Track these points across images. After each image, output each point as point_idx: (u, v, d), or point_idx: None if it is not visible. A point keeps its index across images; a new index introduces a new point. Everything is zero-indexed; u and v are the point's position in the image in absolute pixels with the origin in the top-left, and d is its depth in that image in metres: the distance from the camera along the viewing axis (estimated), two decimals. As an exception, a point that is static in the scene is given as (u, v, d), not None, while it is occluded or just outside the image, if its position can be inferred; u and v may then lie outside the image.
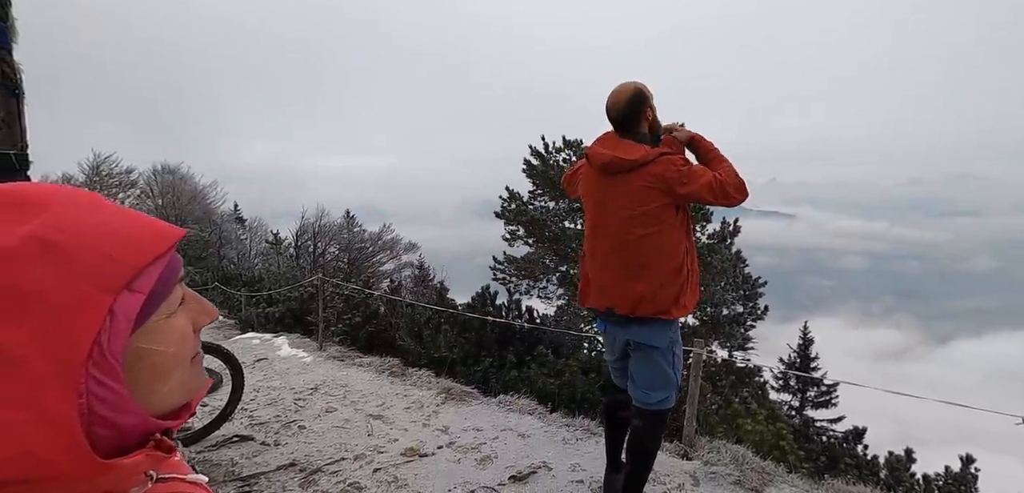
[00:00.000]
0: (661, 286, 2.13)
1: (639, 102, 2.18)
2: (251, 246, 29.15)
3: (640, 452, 2.35)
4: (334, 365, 5.37)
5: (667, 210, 2.10)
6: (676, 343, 2.27)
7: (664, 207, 2.09)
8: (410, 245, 26.34)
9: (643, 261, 2.13)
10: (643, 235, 2.12)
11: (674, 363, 2.26)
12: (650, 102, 2.22)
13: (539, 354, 6.47)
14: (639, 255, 2.14)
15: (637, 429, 2.33)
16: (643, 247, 2.13)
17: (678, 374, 2.28)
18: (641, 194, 2.10)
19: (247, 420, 3.92)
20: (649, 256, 2.13)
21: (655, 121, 2.27)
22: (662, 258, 2.13)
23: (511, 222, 9.29)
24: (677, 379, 2.27)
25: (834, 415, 14.90)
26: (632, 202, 2.11)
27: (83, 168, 25.76)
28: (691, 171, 2.09)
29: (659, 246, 2.12)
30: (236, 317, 10.16)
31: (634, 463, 2.38)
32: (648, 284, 2.13)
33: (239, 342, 7.14)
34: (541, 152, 8.70)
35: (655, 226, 2.10)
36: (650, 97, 2.23)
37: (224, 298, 11.64)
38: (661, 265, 2.13)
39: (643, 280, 2.13)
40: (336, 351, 5.98)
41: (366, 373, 5.06)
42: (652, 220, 2.10)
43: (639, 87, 2.19)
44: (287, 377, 5.05)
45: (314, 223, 25.38)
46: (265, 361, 5.76)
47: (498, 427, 3.60)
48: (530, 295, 9.79)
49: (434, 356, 6.66)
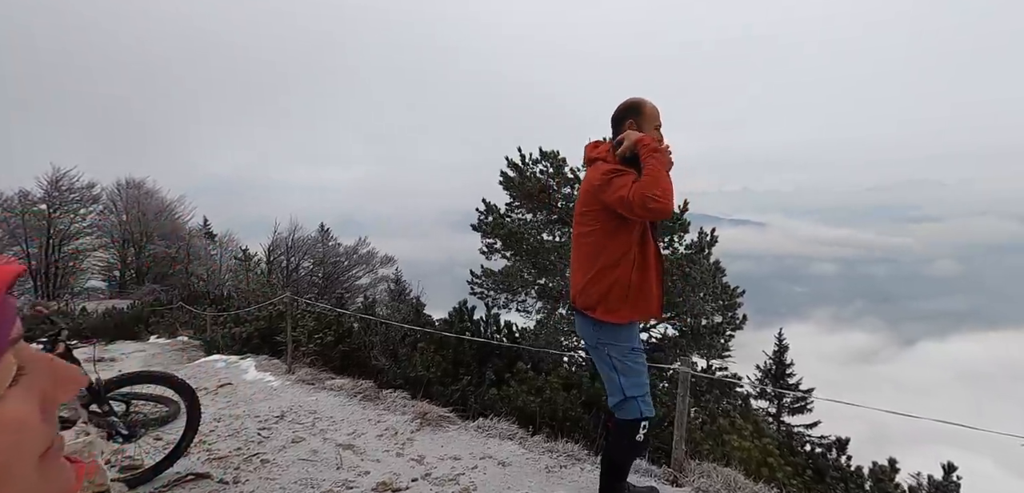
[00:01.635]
0: (590, 282, 2.23)
1: (626, 112, 2.28)
2: (222, 262, 28.33)
3: (604, 461, 2.42)
4: (303, 389, 5.09)
5: (604, 213, 2.18)
6: (613, 349, 2.25)
7: (600, 210, 2.19)
8: (387, 258, 25.96)
9: (580, 256, 2.30)
10: (582, 232, 2.27)
11: (619, 369, 2.24)
12: (639, 116, 2.26)
13: (519, 371, 6.28)
14: (579, 250, 2.31)
15: (607, 434, 2.41)
16: (582, 244, 2.28)
17: (630, 388, 2.23)
18: (584, 194, 2.28)
19: (204, 454, 3.62)
20: (584, 252, 2.27)
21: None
22: (592, 257, 2.23)
23: (488, 235, 9.11)
24: (628, 392, 2.23)
25: (810, 420, 15.08)
26: (580, 200, 2.31)
27: (41, 183, 24.69)
28: (612, 181, 2.13)
29: (593, 246, 2.23)
30: (201, 339, 9.70)
31: (602, 471, 2.42)
32: (581, 278, 2.27)
33: (203, 366, 6.77)
34: (518, 164, 8.56)
35: (590, 226, 2.23)
36: (642, 112, 2.26)
37: (190, 318, 11.14)
38: (589, 264, 2.24)
39: (578, 273, 2.30)
40: (306, 373, 5.69)
41: (337, 397, 4.79)
42: (589, 219, 2.23)
43: (635, 101, 2.29)
44: (252, 404, 4.75)
45: (287, 237, 24.78)
46: (229, 387, 5.44)
47: (476, 455, 3.39)
48: (508, 309, 9.60)
49: (410, 375, 6.41)
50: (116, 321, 13.08)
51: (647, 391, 2.26)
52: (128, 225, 27.71)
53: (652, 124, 2.26)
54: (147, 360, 8.89)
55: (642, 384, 2.24)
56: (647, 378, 2.28)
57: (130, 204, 28.11)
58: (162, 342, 10.79)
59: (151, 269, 27.74)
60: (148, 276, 27.18)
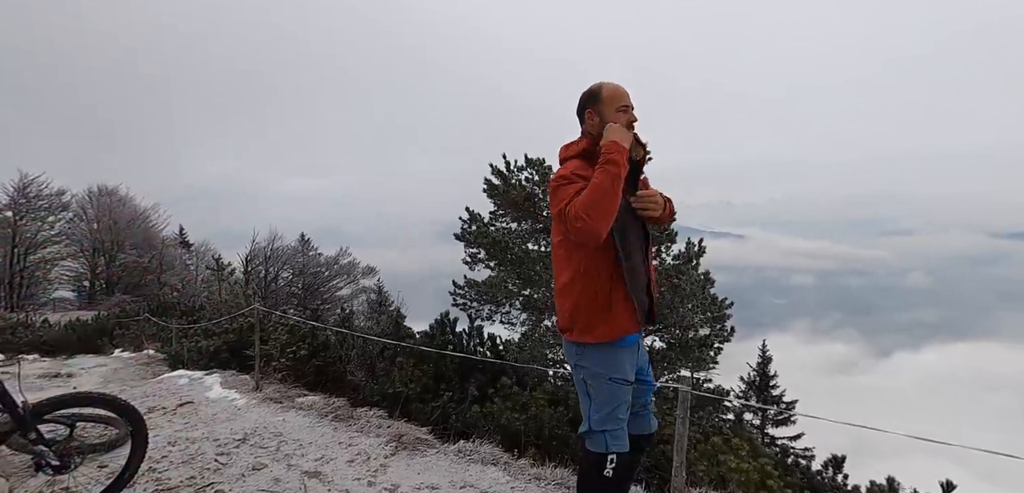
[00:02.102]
0: (558, 296, 2.10)
1: (585, 102, 2.06)
2: (197, 272, 27.57)
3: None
4: (270, 408, 4.73)
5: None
6: (587, 373, 2.04)
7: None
8: (368, 269, 25.53)
9: (553, 269, 2.15)
10: (555, 242, 2.10)
11: (591, 396, 2.04)
12: (598, 103, 2.02)
13: (503, 387, 5.99)
14: (553, 262, 2.15)
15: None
16: (554, 256, 2.12)
17: (597, 420, 2.01)
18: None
19: (152, 485, 3.25)
20: (554, 265, 2.12)
21: (600, 127, 1.99)
22: (559, 270, 2.08)
23: (472, 244, 8.83)
24: (594, 424, 2.01)
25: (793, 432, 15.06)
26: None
27: (7, 190, 23.74)
28: (557, 191, 1.93)
29: (560, 257, 2.07)
30: (167, 353, 9.20)
31: None
32: (555, 293, 2.12)
33: (165, 382, 6.34)
34: (502, 171, 8.31)
35: (559, 235, 2.04)
36: (600, 98, 2.01)
37: (158, 331, 10.61)
38: (557, 277, 2.09)
39: (555, 287, 2.14)
40: (274, 391, 5.33)
41: (306, 417, 4.45)
42: (556, 229, 2.03)
43: (592, 88, 2.05)
44: (212, 425, 4.37)
45: (266, 247, 24.17)
46: (190, 406, 5.04)
47: (457, 484, 3.09)
48: (492, 321, 9.30)
49: (388, 392, 6.07)
50: (79, 334, 12.41)
51: (620, 425, 2.03)
52: (99, 233, 26.77)
53: (613, 107, 2.00)
54: (108, 376, 8.37)
55: (614, 418, 2.01)
56: (624, 411, 2.04)
57: (101, 212, 27.20)
58: (126, 356, 10.24)
59: (122, 279, 26.83)
60: (119, 286, 26.27)
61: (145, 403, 5.15)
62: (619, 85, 2.03)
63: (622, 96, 2.01)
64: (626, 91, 2.03)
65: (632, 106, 2.03)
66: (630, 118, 2.00)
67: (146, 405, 5.06)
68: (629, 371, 2.05)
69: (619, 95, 2.01)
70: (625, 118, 1.99)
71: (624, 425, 2.04)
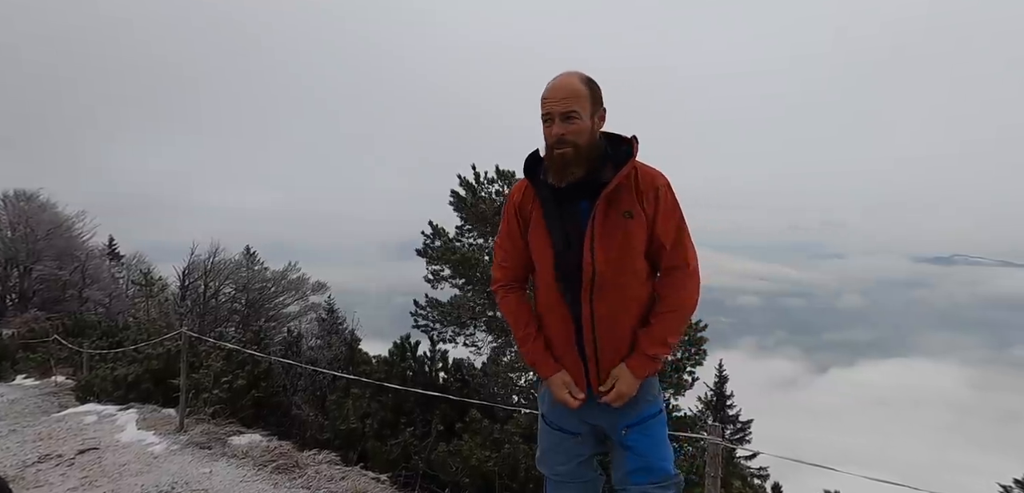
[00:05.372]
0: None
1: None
2: (128, 287, 25.38)
3: None
4: (195, 456, 3.92)
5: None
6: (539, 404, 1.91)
7: None
8: (318, 284, 24.22)
9: None
10: None
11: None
12: (545, 105, 1.65)
13: (472, 421, 5.39)
14: None
15: None
16: None
17: (538, 458, 1.91)
18: None
19: (20, 576, 2.45)
20: None
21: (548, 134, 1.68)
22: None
23: (435, 260, 8.20)
24: (538, 463, 1.90)
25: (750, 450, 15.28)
26: None
27: (-103, 193, 21.02)
28: (505, 211, 1.84)
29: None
30: (77, 380, 8.00)
31: None
32: None
33: (67, 420, 5.33)
34: (471, 183, 7.77)
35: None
36: (544, 100, 1.65)
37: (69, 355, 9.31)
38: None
39: None
40: (202, 432, 4.49)
41: (240, 467, 3.68)
42: None
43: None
44: (118, 480, 3.53)
45: (206, 260, 22.47)
46: (93, 454, 4.14)
47: (430, 562, 2.47)
48: (456, 344, 8.66)
49: (341, 429, 5.35)
50: (-23, 357, 10.81)
51: (557, 477, 1.84)
52: (14, 242, 24.17)
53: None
54: (4, 408, 7.13)
55: (545, 461, 1.87)
56: (561, 462, 1.83)
57: (17, 219, 24.59)
58: (29, 384, 8.88)
59: (38, 293, 24.27)
60: (34, 302, 23.75)
61: (36, 450, 4.21)
62: (550, 83, 1.65)
63: (543, 102, 1.65)
64: (552, 86, 1.63)
65: (552, 111, 1.62)
66: (551, 135, 1.62)
67: (37, 452, 4.14)
68: (569, 418, 1.76)
69: (543, 101, 1.65)
70: (548, 134, 1.63)
71: (565, 482, 1.83)
